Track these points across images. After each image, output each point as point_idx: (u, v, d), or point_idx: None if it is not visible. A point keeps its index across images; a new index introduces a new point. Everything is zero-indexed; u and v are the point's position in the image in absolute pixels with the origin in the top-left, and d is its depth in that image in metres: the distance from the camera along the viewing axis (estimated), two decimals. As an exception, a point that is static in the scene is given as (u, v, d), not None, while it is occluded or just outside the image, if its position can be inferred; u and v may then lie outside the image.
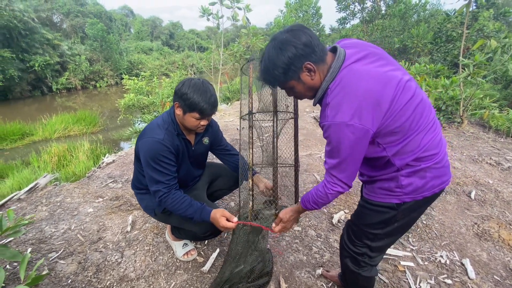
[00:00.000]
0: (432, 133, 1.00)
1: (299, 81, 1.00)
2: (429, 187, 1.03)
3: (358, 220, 1.20)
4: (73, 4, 22.82)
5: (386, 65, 0.96)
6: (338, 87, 0.93)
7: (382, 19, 9.52)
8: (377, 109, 0.90)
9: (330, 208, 2.41)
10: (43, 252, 1.85)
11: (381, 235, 1.15)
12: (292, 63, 0.95)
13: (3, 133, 7.26)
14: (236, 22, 6.07)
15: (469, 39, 6.87)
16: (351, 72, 0.93)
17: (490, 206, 2.46)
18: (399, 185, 1.03)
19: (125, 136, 7.07)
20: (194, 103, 1.32)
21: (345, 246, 1.27)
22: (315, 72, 0.97)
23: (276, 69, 0.97)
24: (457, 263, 1.84)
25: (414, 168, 1.00)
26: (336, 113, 0.91)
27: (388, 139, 0.97)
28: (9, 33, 14.67)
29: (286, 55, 0.94)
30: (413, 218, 1.14)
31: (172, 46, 37.30)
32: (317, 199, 1.09)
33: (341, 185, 1.02)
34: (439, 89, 4.62)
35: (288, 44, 0.93)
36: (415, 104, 0.94)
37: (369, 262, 1.23)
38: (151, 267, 1.75)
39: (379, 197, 1.09)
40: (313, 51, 0.94)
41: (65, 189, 2.79)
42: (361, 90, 0.89)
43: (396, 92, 0.91)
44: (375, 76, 0.91)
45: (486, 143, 3.94)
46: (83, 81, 18.92)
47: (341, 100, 0.91)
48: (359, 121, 0.89)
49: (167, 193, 1.42)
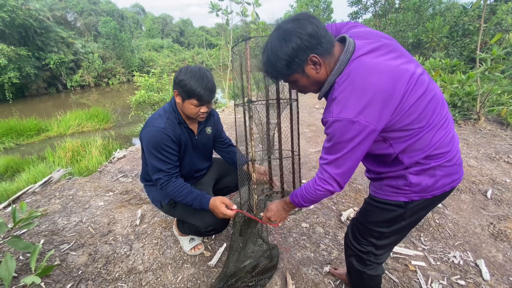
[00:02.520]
0: (444, 130, 0.95)
1: (304, 74, 0.94)
2: (439, 186, 0.98)
3: (363, 218, 1.16)
4: (87, 2, 23.28)
5: (398, 57, 0.91)
6: (346, 82, 0.88)
7: (395, 13, 9.25)
8: (386, 106, 0.84)
9: (339, 205, 2.37)
10: (55, 243, 1.90)
11: (387, 233, 1.11)
12: (296, 55, 0.89)
13: (20, 129, 7.51)
14: (245, 18, 6.02)
15: (487, 33, 6.59)
16: (360, 66, 0.88)
17: (507, 206, 2.36)
18: (407, 183, 0.98)
19: (136, 132, 7.19)
20: (191, 89, 1.32)
21: (349, 244, 1.24)
22: (320, 65, 0.92)
23: (279, 62, 0.92)
24: (471, 264, 1.77)
25: (423, 166, 0.95)
26: (342, 109, 0.86)
27: (395, 135, 0.92)
28: (25, 31, 15.13)
29: (290, 47, 0.88)
30: (421, 216, 1.10)
31: (182, 43, 37.60)
32: (305, 194, 1.04)
33: (332, 183, 0.96)
34: (455, 84, 4.46)
35: (293, 34, 0.87)
36: (427, 100, 0.89)
37: (375, 261, 1.19)
38: (159, 260, 1.77)
39: (387, 194, 1.05)
40: (319, 43, 0.88)
41: (78, 183, 2.86)
42: (370, 85, 0.84)
43: (408, 87, 0.86)
44: (385, 71, 0.86)
45: (504, 140, 3.78)
46: (96, 79, 19.35)
47: (348, 96, 0.86)
48: (365, 119, 0.84)
49: (168, 181, 1.44)
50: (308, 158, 3.37)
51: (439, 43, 7.67)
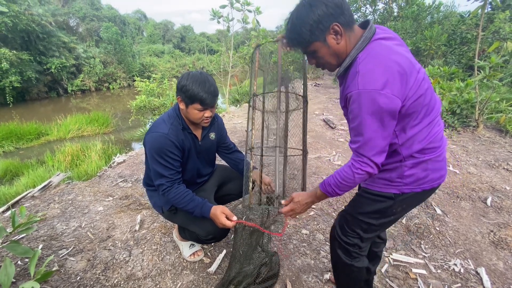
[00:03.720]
0: (438, 126, 1.03)
1: (324, 43, 0.96)
2: (429, 180, 1.04)
3: (353, 208, 1.19)
4: (89, 8, 23.52)
5: (408, 52, 0.99)
6: (369, 57, 0.91)
7: (394, 21, 9.37)
8: (405, 84, 0.88)
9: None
10: (54, 248, 1.89)
11: (375, 226, 1.14)
12: (321, 22, 0.92)
13: (20, 133, 7.51)
14: (246, 25, 6.09)
15: (485, 41, 6.67)
16: (382, 46, 0.93)
17: (507, 213, 2.36)
18: (401, 175, 1.03)
19: (136, 136, 7.19)
20: (194, 94, 1.33)
21: (336, 237, 1.24)
22: (341, 36, 0.95)
23: (303, 26, 0.94)
24: (472, 272, 1.76)
25: (418, 159, 1.01)
26: (368, 81, 0.87)
27: (403, 123, 0.96)
28: (27, 36, 15.23)
29: (316, 12, 0.91)
30: (405, 211, 1.14)
31: (183, 49, 37.86)
32: (340, 181, 1.01)
33: (370, 164, 0.95)
34: (453, 92, 4.49)
35: (319, 1, 0.91)
36: (430, 93, 0.97)
37: (360, 253, 1.22)
38: (158, 267, 1.75)
39: (378, 186, 1.08)
40: (343, 13, 0.92)
41: (77, 187, 2.85)
42: (392, 62, 0.88)
43: (419, 76, 0.92)
44: (403, 55, 0.91)
45: (503, 148, 3.80)
46: (97, 83, 19.40)
47: (373, 68, 0.88)
48: (391, 91, 0.86)
49: (170, 187, 1.44)
50: (307, 164, 3.36)
51: (438, 51, 7.75)
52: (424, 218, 2.27)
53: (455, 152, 3.62)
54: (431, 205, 2.47)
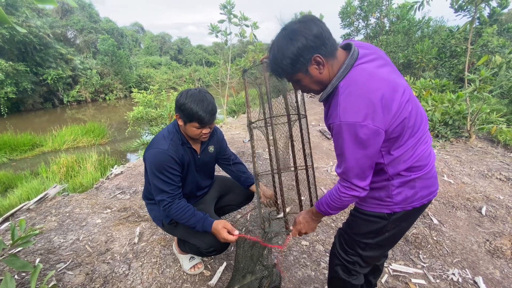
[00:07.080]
0: (425, 144, 1.03)
1: (307, 74, 0.97)
2: (418, 198, 1.05)
3: (349, 229, 1.20)
4: (87, 21, 23.76)
5: (392, 72, 0.99)
6: (350, 86, 0.91)
7: (386, 35, 9.67)
8: (387, 112, 0.89)
9: (338, 223, 2.38)
10: (52, 262, 1.86)
11: (372, 244, 1.15)
12: (301, 55, 0.92)
13: (13, 144, 7.44)
14: (243, 39, 6.24)
15: (474, 54, 6.91)
16: (364, 72, 0.93)
17: (502, 223, 2.40)
18: (389, 194, 1.04)
19: (132, 147, 7.17)
20: (192, 113, 1.35)
21: (337, 254, 1.25)
22: (324, 66, 0.95)
23: (284, 59, 0.94)
24: (470, 281, 1.79)
25: (405, 178, 1.02)
26: (350, 114, 0.88)
27: (388, 145, 0.97)
28: (24, 47, 15.29)
29: (295, 46, 0.91)
30: (403, 228, 1.15)
31: (180, 60, 38.26)
32: (331, 202, 1.05)
33: (355, 188, 0.98)
34: (445, 103, 4.62)
35: (299, 34, 0.90)
36: (415, 114, 0.97)
37: (360, 271, 1.22)
38: (158, 280, 1.74)
39: (370, 206, 1.10)
40: (324, 44, 0.92)
41: (74, 199, 2.82)
42: (373, 91, 0.88)
43: (402, 99, 0.92)
44: (385, 80, 0.91)
45: (495, 158, 3.89)
46: (93, 94, 19.41)
47: (354, 100, 0.89)
48: (373, 122, 0.87)
49: (171, 202, 1.45)
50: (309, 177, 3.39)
51: (429, 64, 8.00)
52: (422, 228, 2.30)
53: (449, 162, 3.69)
54: (428, 215, 2.51)
